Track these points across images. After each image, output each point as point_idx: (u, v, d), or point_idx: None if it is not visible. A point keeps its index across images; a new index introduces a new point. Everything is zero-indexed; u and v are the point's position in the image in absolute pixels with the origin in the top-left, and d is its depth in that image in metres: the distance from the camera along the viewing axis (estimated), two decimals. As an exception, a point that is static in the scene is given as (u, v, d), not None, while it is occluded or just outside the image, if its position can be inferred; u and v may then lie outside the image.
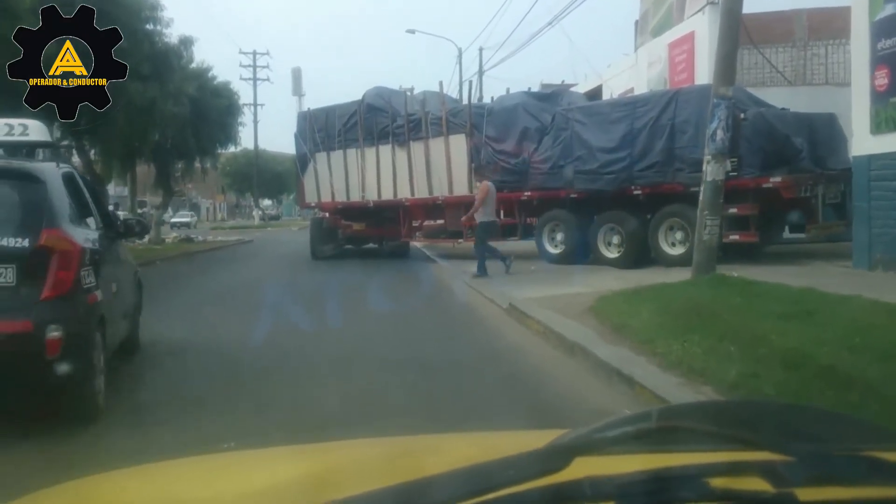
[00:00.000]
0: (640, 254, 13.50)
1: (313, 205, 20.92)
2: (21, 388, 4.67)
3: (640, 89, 20.77)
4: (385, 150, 17.87)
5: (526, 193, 15.43)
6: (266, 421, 4.85)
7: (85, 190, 6.13)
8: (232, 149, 37.41)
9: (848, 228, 12.19)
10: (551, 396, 5.70)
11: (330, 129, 19.15)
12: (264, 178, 58.91)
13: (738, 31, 10.42)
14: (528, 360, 7.02)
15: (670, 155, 13.15)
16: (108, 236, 6.30)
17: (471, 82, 33.89)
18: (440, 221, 17.49)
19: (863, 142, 11.34)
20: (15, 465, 3.95)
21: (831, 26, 16.80)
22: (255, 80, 49.40)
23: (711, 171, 10.00)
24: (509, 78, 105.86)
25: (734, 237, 12.33)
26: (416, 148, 17.20)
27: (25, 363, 4.58)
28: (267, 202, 71.13)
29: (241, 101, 33.53)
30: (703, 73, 15.92)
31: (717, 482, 0.91)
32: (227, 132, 30.80)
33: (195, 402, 5.44)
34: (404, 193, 17.74)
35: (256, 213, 60.11)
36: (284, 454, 1.65)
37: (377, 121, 17.97)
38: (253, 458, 1.59)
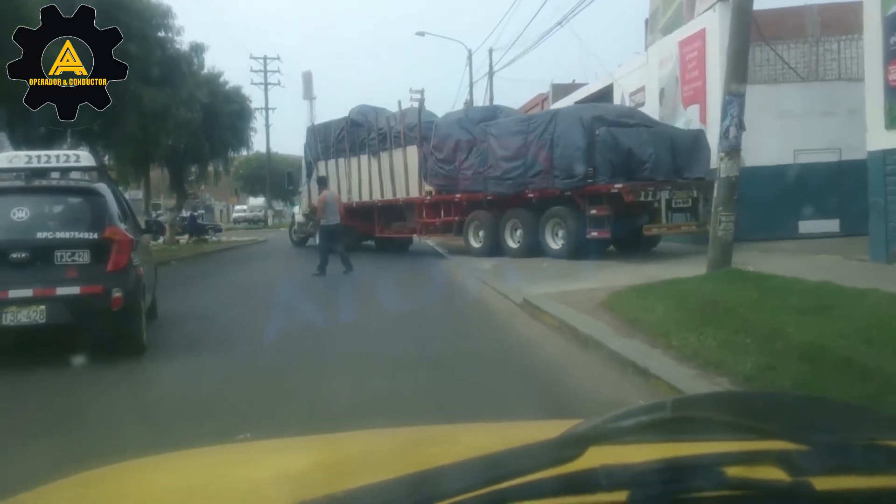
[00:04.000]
0: (534, 247, 15.83)
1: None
2: (96, 329, 6.88)
3: (652, 88, 20.73)
4: (364, 159, 21.02)
5: (457, 196, 18.11)
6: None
7: (122, 199, 8.44)
8: (244, 152, 37.66)
9: (702, 229, 13.42)
10: (566, 389, 5.70)
11: (327, 141, 22.59)
12: (277, 180, 59.09)
13: (749, 28, 10.36)
14: (542, 354, 7.03)
15: (551, 164, 15.54)
16: (138, 232, 8.36)
17: (471, 87, 33.93)
18: (403, 221, 20.43)
19: (877, 137, 11.26)
20: (100, 381, 6.21)
21: (844, 21, 16.67)
22: (266, 84, 49.62)
23: (725, 167, 9.95)
24: (520, 78, 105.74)
25: (594, 234, 14.72)
26: (384, 157, 20.16)
27: (99, 313, 6.86)
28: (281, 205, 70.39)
29: (253, 106, 33.74)
30: (715, 70, 15.85)
31: (733, 471, 0.90)
32: (238, 136, 31.02)
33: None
34: (377, 196, 20.69)
35: (269, 214, 60.38)
36: (298, 444, 1.66)
37: (358, 134, 21.17)
38: (266, 449, 1.60)
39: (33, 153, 8.10)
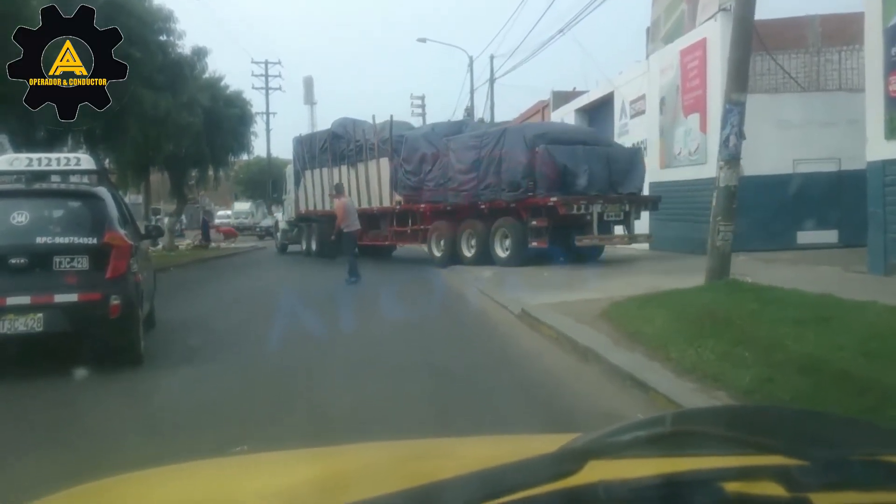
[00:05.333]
0: (486, 256, 16.80)
1: (303, 213, 24.94)
2: (93, 337, 6.82)
3: (653, 96, 20.76)
4: (344, 169, 22.01)
5: (422, 206, 19.09)
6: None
7: (123, 204, 8.30)
8: (245, 157, 37.62)
9: (633, 239, 16.65)
10: (565, 403, 5.67)
11: (312, 152, 23.86)
12: (277, 185, 58.96)
13: (750, 38, 10.38)
14: (541, 366, 7.00)
15: (499, 178, 16.69)
16: (138, 238, 8.26)
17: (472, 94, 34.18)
18: (379, 229, 21.40)
19: (877, 147, 11.26)
20: (97, 392, 6.09)
21: (845, 32, 16.71)
22: (267, 89, 49.49)
23: (725, 177, 9.95)
24: (521, 85, 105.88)
25: (534, 244, 15.94)
26: (361, 168, 21.30)
27: (97, 321, 6.71)
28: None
29: (254, 110, 33.73)
30: (716, 79, 15.89)
31: (732, 486, 0.90)
32: (239, 141, 30.99)
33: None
34: (357, 204, 20.70)
35: (275, 219, 60.24)
36: (297, 457, 1.65)
37: (339, 146, 22.27)
38: (266, 462, 1.59)
39: (34, 156, 8.01)
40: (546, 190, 15.72)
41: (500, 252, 16.65)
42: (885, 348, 5.53)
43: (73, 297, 6.65)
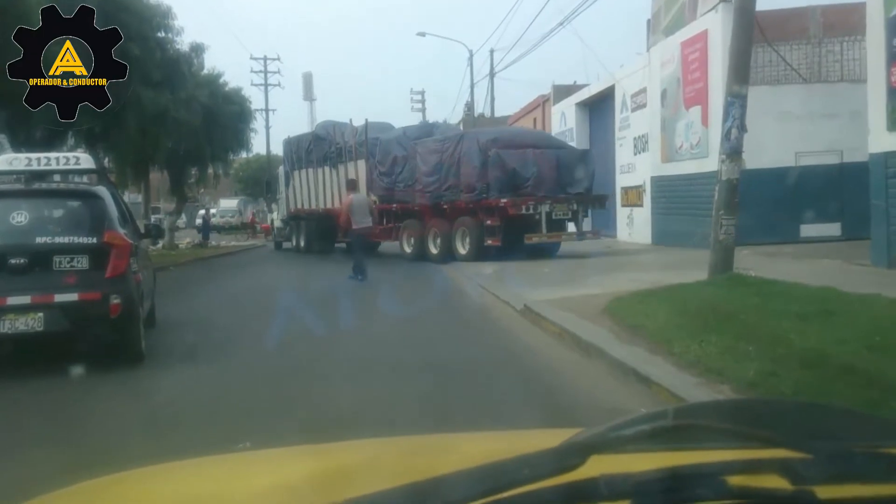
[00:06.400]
0: (449, 253, 17.90)
1: (293, 211, 25.91)
2: (94, 337, 6.87)
3: (654, 89, 20.73)
4: (327, 170, 23.00)
5: (394, 205, 20.31)
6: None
7: (122, 203, 8.37)
8: (244, 155, 37.57)
9: (581, 237, 18.01)
10: (568, 397, 5.68)
11: (299, 153, 24.84)
12: (272, 185, 58.75)
13: (751, 29, 10.34)
14: (543, 362, 7.00)
15: (458, 180, 17.99)
16: (138, 237, 8.30)
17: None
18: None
19: (879, 139, 11.24)
20: (98, 390, 6.12)
21: (846, 23, 16.64)
22: (266, 85, 49.31)
23: (726, 170, 9.92)
24: (521, 79, 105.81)
25: (489, 242, 17.00)
26: (341, 169, 21.95)
27: (97, 320, 6.76)
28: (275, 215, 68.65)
29: (253, 107, 33.64)
30: (717, 71, 15.85)
31: (735, 480, 0.89)
32: (239, 138, 30.83)
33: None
34: (337, 203, 21.93)
35: (270, 218, 60.09)
36: (298, 454, 1.66)
37: (322, 148, 23.26)
38: (266, 458, 1.60)
39: (33, 155, 8.02)
40: (498, 192, 16.96)
41: (462, 249, 17.85)
42: (888, 342, 5.53)
43: (73, 297, 6.67)
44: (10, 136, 16.26)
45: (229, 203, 56.87)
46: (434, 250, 18.63)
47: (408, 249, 19.69)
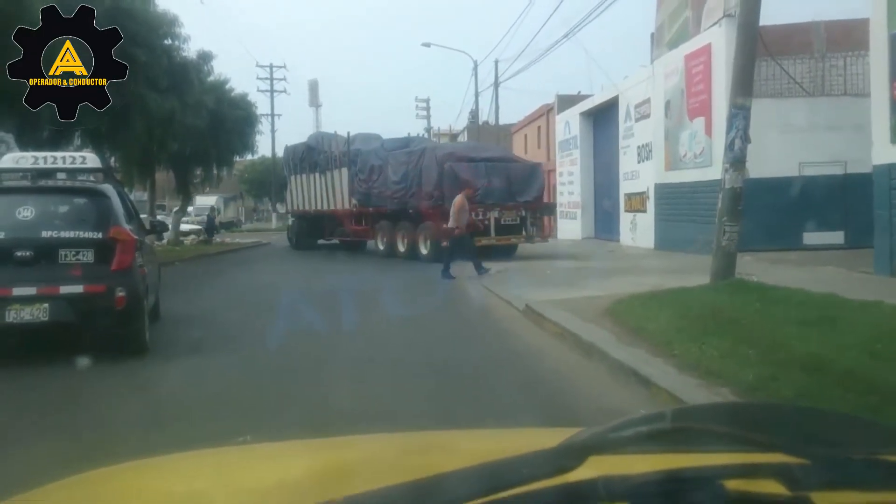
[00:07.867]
0: (414, 253, 19.85)
1: (292, 212, 28.98)
2: (99, 328, 6.98)
3: (657, 100, 20.79)
4: (316, 176, 25.81)
5: (370, 209, 22.76)
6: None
7: (128, 200, 8.67)
8: (249, 157, 37.70)
9: (529, 240, 19.72)
10: (568, 397, 5.68)
11: (295, 160, 27.80)
12: (281, 184, 58.63)
13: (755, 43, 10.38)
14: (545, 363, 7.01)
15: (420, 189, 20.16)
16: (143, 233, 8.53)
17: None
18: (343, 227, 24.91)
19: (882, 151, 11.28)
20: (102, 381, 6.22)
21: (850, 38, 16.68)
22: (272, 92, 49.65)
23: (730, 179, 9.96)
24: (525, 89, 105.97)
25: (444, 244, 16.96)
26: (328, 176, 24.88)
27: (102, 312, 6.89)
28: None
29: (259, 112, 33.87)
30: (720, 84, 15.89)
31: (732, 484, 0.89)
32: (244, 141, 31.29)
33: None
34: (324, 207, 25.45)
35: (273, 217, 59.87)
36: (298, 449, 1.65)
37: (312, 156, 26.16)
38: (266, 453, 1.59)
39: (39, 154, 8.14)
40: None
41: (423, 250, 19.70)
42: (890, 348, 5.52)
43: (78, 289, 6.81)
44: (16, 136, 16.30)
45: (207, 199, 49.45)
46: (402, 249, 20.80)
47: (381, 247, 22.17)
